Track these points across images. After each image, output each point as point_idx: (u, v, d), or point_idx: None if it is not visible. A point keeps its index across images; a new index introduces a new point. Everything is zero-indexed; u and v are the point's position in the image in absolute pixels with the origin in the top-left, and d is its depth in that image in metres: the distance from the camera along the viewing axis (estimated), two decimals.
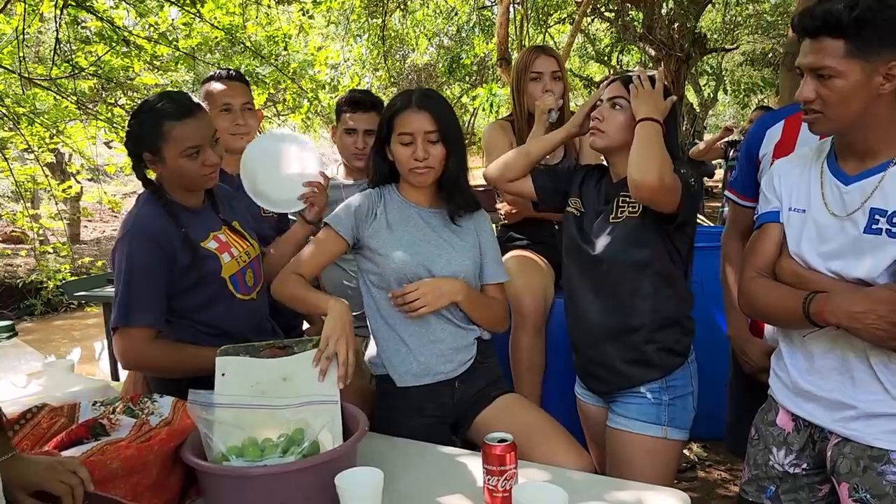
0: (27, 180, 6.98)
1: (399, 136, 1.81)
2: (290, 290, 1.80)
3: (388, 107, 1.88)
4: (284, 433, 1.41)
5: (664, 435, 1.80)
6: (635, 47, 10.52)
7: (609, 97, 1.83)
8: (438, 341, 1.84)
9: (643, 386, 1.80)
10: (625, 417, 1.82)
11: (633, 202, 1.79)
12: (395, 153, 1.84)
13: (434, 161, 1.82)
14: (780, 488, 1.58)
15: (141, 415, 1.52)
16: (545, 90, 2.47)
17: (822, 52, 1.35)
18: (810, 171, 1.53)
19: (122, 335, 1.71)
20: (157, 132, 1.73)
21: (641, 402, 1.81)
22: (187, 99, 1.79)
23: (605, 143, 1.84)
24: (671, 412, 1.80)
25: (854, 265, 1.40)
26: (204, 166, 1.77)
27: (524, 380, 2.41)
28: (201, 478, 1.36)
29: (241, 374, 1.49)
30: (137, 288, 1.70)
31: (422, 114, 1.80)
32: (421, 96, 1.84)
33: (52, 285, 7.60)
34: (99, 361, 6.71)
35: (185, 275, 1.76)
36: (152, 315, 1.71)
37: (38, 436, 1.43)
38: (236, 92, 2.30)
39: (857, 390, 1.42)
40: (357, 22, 10.53)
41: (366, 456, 1.47)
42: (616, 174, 1.88)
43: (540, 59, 2.50)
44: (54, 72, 5.68)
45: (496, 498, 1.33)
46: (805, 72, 1.40)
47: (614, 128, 1.81)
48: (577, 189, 1.96)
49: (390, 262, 1.80)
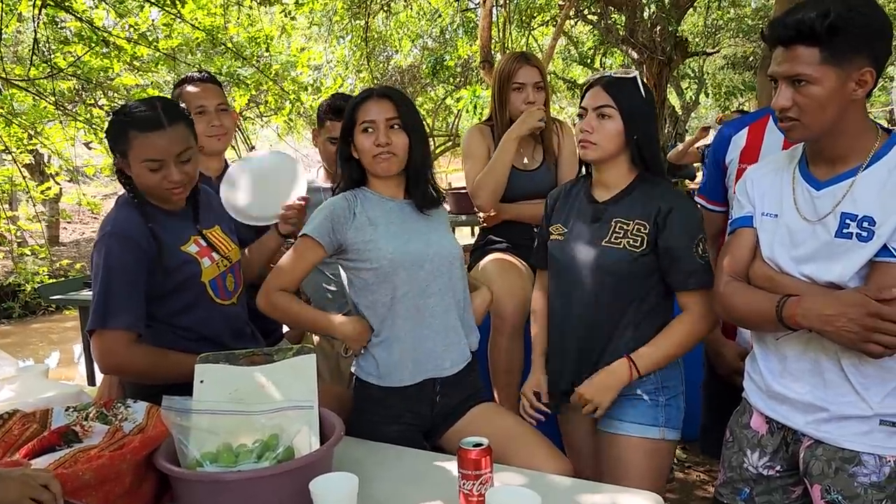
0: (5, 181, 6.89)
1: (361, 125, 1.81)
2: (284, 309, 1.83)
3: (349, 102, 1.89)
4: (260, 439, 1.41)
5: (662, 436, 1.80)
6: (618, 50, 10.57)
7: (595, 106, 1.79)
8: (432, 337, 1.83)
9: (639, 388, 1.79)
10: (621, 421, 1.81)
11: (635, 234, 1.76)
12: (359, 145, 1.83)
13: (396, 148, 1.81)
14: (755, 490, 1.60)
15: (114, 421, 1.50)
16: (527, 101, 2.48)
17: (797, 60, 1.36)
18: (782, 176, 1.55)
19: (99, 338, 1.68)
20: (123, 138, 1.71)
21: (638, 404, 1.80)
22: (167, 110, 1.74)
23: (597, 154, 1.79)
24: (667, 413, 1.81)
25: (826, 269, 1.42)
26: (165, 180, 1.72)
27: (502, 382, 2.41)
28: (175, 484, 1.35)
29: (219, 382, 1.49)
30: (115, 289, 1.68)
31: (383, 101, 1.82)
32: (382, 88, 1.87)
33: (29, 288, 7.51)
34: (77, 365, 6.64)
35: (164, 279, 1.74)
36: (130, 317, 1.68)
37: (10, 442, 1.41)
38: (210, 94, 2.29)
39: (828, 392, 1.44)
40: (340, 23, 10.49)
41: (342, 460, 1.47)
42: (606, 187, 1.85)
43: (523, 70, 2.50)
44: (33, 72, 5.61)
45: (471, 502, 1.33)
46: (780, 80, 1.41)
47: (605, 138, 1.77)
48: (554, 216, 1.94)
49: (385, 253, 1.78)
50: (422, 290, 1.81)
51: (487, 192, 2.48)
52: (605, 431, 1.85)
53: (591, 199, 1.87)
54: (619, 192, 1.83)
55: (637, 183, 1.82)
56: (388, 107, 1.81)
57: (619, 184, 1.83)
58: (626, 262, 1.75)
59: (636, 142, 1.78)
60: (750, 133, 1.97)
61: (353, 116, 1.83)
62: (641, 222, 1.76)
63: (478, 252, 2.67)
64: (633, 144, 1.79)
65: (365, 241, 1.80)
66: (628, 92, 1.78)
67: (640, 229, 1.76)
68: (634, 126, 1.77)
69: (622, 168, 1.82)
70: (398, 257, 1.78)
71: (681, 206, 1.77)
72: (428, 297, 1.82)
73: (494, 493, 1.25)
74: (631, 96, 1.78)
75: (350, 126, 1.84)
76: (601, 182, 1.86)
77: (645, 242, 1.75)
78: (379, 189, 1.88)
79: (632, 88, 1.79)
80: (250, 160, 2.31)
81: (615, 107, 1.76)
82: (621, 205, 1.81)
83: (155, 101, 1.76)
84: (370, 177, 1.89)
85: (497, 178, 2.46)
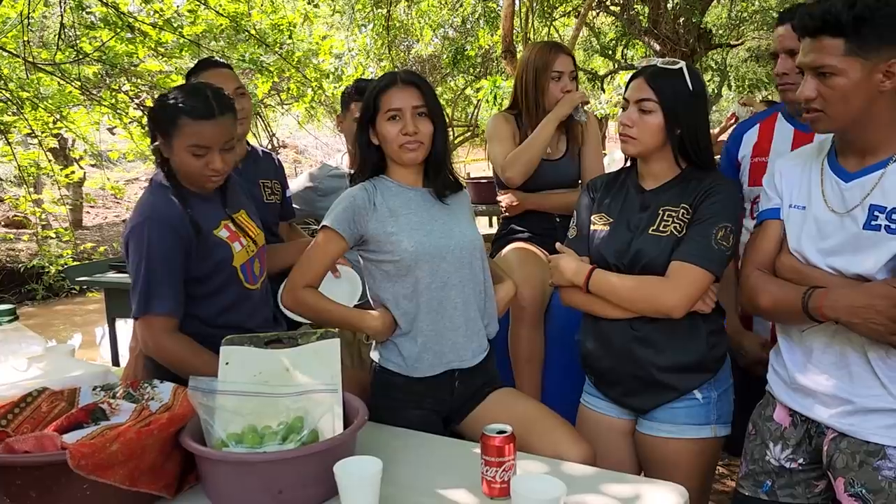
0: (30, 165, 6.97)
1: (386, 114, 1.77)
2: (311, 305, 1.80)
3: (370, 88, 1.84)
4: (284, 421, 1.42)
5: (713, 434, 1.75)
6: (640, 42, 10.48)
7: (636, 99, 1.74)
8: (453, 329, 1.82)
9: (696, 390, 1.74)
10: (671, 424, 1.75)
11: (681, 219, 1.71)
12: (382, 132, 1.79)
13: (423, 136, 1.78)
14: (777, 483, 1.59)
15: (141, 400, 1.53)
16: (565, 90, 2.48)
17: (823, 51, 1.35)
18: (811, 168, 1.53)
19: (144, 324, 1.73)
20: (172, 123, 1.73)
21: (691, 404, 1.74)
22: (218, 100, 1.77)
23: (638, 149, 1.76)
24: (719, 409, 1.75)
25: (853, 261, 1.40)
26: (207, 167, 1.76)
27: (524, 371, 2.42)
28: (200, 464, 1.37)
29: (244, 364, 1.50)
30: (157, 276, 1.71)
31: (409, 89, 1.78)
32: (406, 73, 1.84)
33: (53, 270, 7.62)
34: (99, 347, 6.73)
35: (199, 263, 1.77)
36: (172, 302, 1.72)
37: (38, 419, 1.44)
38: (227, 78, 2.30)
39: (854, 385, 1.43)
40: (362, 12, 10.48)
41: (364, 445, 1.48)
42: (653, 177, 1.81)
43: (560, 59, 2.50)
44: (59, 57, 5.67)
45: (494, 489, 1.34)
46: (805, 70, 1.40)
47: (646, 133, 1.73)
48: (596, 206, 1.89)
49: (406, 246, 1.76)
50: (443, 282, 1.80)
51: (520, 166, 2.46)
52: (649, 435, 1.79)
53: (638, 189, 1.83)
54: (667, 182, 1.78)
55: (685, 174, 1.78)
56: (415, 94, 1.78)
57: (666, 175, 1.79)
58: (672, 248, 1.70)
59: (679, 136, 1.73)
60: (761, 129, 2.04)
61: (375, 103, 1.80)
62: (686, 206, 1.72)
63: (500, 241, 2.67)
64: (676, 139, 1.73)
65: (387, 232, 1.78)
66: (672, 84, 1.72)
67: (684, 213, 1.72)
68: (677, 120, 1.71)
69: (667, 161, 1.77)
70: (420, 250, 1.77)
71: (719, 190, 1.71)
72: (450, 290, 1.81)
73: (520, 481, 1.25)
74: (675, 89, 1.71)
75: (372, 113, 1.81)
76: (648, 173, 1.82)
77: (686, 226, 1.71)
78: (398, 177, 1.85)
79: (676, 80, 1.72)
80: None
81: (656, 100, 1.71)
82: (670, 193, 1.76)
83: (206, 90, 1.78)
84: (390, 164, 1.86)
85: (532, 154, 2.45)
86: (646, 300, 1.70)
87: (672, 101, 1.71)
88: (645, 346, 1.75)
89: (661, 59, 1.78)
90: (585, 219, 1.91)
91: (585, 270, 1.78)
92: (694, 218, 1.70)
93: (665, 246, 1.71)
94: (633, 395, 1.80)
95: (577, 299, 1.84)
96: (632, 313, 1.74)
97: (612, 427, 1.88)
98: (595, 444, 1.80)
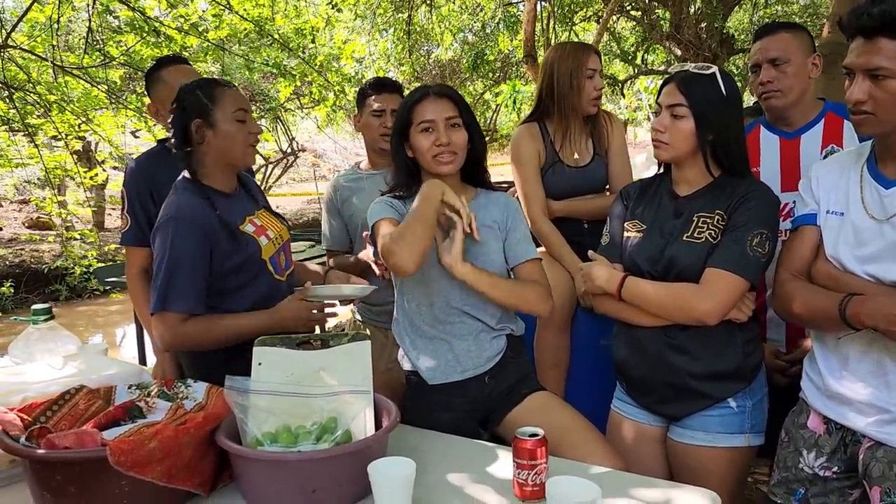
0: (56, 167, 7.07)
1: (419, 125, 1.80)
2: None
3: (403, 102, 1.88)
4: (317, 421, 1.43)
5: (747, 443, 1.73)
6: (661, 47, 10.44)
7: (668, 105, 1.72)
8: (464, 337, 1.84)
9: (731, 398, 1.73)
10: (704, 432, 1.74)
11: (716, 226, 1.69)
12: (416, 144, 1.81)
13: (457, 146, 1.80)
14: (810, 491, 1.58)
15: (176, 399, 1.54)
16: (598, 88, 2.48)
17: (879, 53, 1.33)
18: (849, 174, 1.52)
19: (158, 319, 1.76)
20: (209, 95, 1.83)
21: (724, 412, 1.73)
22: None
23: (670, 155, 1.75)
24: (753, 417, 1.73)
25: (892, 269, 1.39)
26: (250, 134, 1.86)
27: (548, 377, 2.41)
28: (235, 462, 1.38)
29: (277, 365, 1.52)
30: (178, 274, 1.74)
31: (441, 100, 1.81)
32: (438, 86, 1.87)
33: (78, 271, 7.70)
34: (121, 348, 6.79)
35: (227, 259, 1.81)
36: (190, 301, 1.75)
37: (76, 416, 1.45)
38: (188, 73, 2.34)
39: (892, 394, 1.42)
40: (383, 16, 10.53)
41: (395, 447, 1.48)
42: (687, 183, 1.79)
43: (593, 58, 2.48)
44: (86, 60, 5.76)
45: (525, 492, 1.35)
46: (857, 72, 1.38)
47: (677, 138, 1.71)
48: (629, 213, 1.88)
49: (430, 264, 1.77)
50: (458, 295, 1.83)
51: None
52: (682, 443, 1.78)
53: (672, 196, 1.82)
54: (701, 189, 1.76)
55: (719, 180, 1.76)
56: (447, 105, 1.81)
57: (700, 181, 1.77)
58: (707, 255, 1.68)
59: (711, 142, 1.71)
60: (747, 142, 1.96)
61: (409, 115, 1.82)
62: (720, 212, 1.70)
63: None
64: (707, 145, 1.71)
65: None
66: (704, 90, 1.70)
67: (719, 220, 1.70)
68: (708, 126, 1.69)
69: (699, 167, 1.75)
70: (435, 269, 1.79)
71: (754, 196, 1.68)
72: (464, 305, 1.84)
73: (555, 483, 1.25)
74: (706, 94, 1.69)
75: (406, 125, 1.83)
76: (681, 179, 1.81)
77: (721, 233, 1.69)
78: None
79: (708, 86, 1.70)
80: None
81: (687, 105, 1.69)
82: (704, 199, 1.75)
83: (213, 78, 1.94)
84: (425, 176, 1.87)
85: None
86: (679, 307, 1.69)
87: (703, 107, 1.70)
88: (680, 353, 1.74)
89: (693, 64, 1.76)
90: (618, 227, 1.90)
91: (618, 278, 1.77)
92: (729, 224, 1.69)
93: (700, 253, 1.69)
94: (667, 402, 1.79)
95: (609, 307, 1.83)
96: (665, 321, 1.73)
97: (644, 434, 1.87)
98: (626, 450, 1.79)
